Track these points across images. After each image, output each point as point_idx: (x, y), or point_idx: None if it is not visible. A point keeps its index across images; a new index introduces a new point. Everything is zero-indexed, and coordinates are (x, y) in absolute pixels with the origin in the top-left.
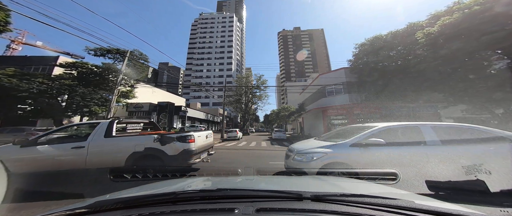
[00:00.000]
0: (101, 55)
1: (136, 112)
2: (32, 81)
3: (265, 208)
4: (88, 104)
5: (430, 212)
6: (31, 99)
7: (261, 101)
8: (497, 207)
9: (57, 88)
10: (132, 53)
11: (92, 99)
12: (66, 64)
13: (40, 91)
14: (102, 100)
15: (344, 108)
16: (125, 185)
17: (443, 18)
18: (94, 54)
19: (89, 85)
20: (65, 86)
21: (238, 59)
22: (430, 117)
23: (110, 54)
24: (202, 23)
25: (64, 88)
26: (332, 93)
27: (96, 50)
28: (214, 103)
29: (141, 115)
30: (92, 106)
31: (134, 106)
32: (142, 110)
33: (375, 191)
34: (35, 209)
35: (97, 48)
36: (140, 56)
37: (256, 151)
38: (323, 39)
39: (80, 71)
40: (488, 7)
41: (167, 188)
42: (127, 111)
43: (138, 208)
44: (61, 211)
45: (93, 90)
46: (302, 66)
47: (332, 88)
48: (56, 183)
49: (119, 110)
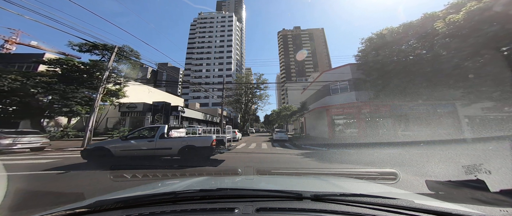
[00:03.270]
0: (87, 51)
1: (129, 112)
2: (3, 78)
3: (265, 207)
4: (69, 104)
5: (430, 212)
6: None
7: (262, 101)
8: (497, 207)
9: (32, 85)
10: (121, 49)
11: (73, 98)
12: (49, 60)
13: (12, 90)
14: (86, 99)
15: (351, 106)
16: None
17: (469, 4)
18: (79, 50)
19: (72, 83)
20: (42, 84)
21: (238, 59)
22: (447, 115)
23: (97, 50)
24: (201, 23)
25: (41, 86)
26: (336, 91)
27: (82, 46)
28: (214, 103)
29: (135, 116)
30: (74, 106)
31: (127, 106)
32: (135, 110)
33: (375, 190)
34: (35, 209)
35: (82, 43)
36: (131, 52)
37: (256, 155)
38: (323, 39)
39: (64, 68)
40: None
41: (167, 187)
42: (120, 111)
43: (138, 207)
44: (61, 211)
45: (76, 89)
46: (303, 66)
47: (336, 86)
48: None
49: (111, 110)
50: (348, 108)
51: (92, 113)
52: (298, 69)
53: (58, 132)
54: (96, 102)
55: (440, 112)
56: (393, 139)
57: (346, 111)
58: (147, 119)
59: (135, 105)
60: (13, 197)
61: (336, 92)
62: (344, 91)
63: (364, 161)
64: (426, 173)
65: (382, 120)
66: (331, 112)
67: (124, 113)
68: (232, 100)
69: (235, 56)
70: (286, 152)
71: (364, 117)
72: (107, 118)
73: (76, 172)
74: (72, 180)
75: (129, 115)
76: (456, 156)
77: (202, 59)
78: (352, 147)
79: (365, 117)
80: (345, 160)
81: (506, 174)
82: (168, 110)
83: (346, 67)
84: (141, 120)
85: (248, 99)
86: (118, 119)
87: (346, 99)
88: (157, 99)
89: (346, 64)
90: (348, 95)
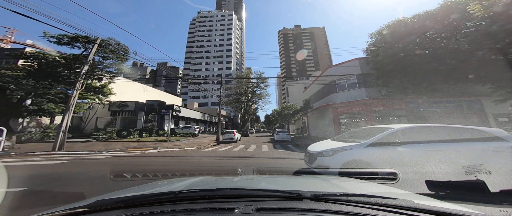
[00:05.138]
0: (66, 43)
1: (120, 111)
2: None
3: (265, 207)
4: (39, 101)
5: (430, 212)
6: None
7: (262, 100)
8: (497, 207)
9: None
10: (106, 41)
11: (45, 95)
12: (25, 54)
13: None
14: (61, 96)
15: (361, 104)
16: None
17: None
18: (57, 42)
19: (46, 78)
20: (7, 78)
21: (238, 58)
22: (473, 115)
23: (79, 43)
24: (200, 22)
25: (5, 80)
26: (344, 87)
27: (60, 38)
28: (213, 103)
29: (127, 115)
30: (44, 104)
31: (117, 105)
32: (127, 110)
33: (375, 190)
34: (35, 209)
35: (61, 35)
36: (118, 46)
37: (255, 160)
38: (324, 38)
39: (43, 62)
40: None
41: (167, 187)
42: (109, 110)
43: (138, 207)
44: (61, 211)
45: (49, 84)
46: (303, 66)
47: (343, 82)
48: None
49: (100, 109)
50: (357, 106)
51: (66, 112)
52: (298, 69)
53: (36, 133)
54: (72, 99)
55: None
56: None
57: (355, 109)
58: (140, 119)
59: (126, 104)
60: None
61: (343, 89)
62: (352, 88)
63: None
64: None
65: (396, 119)
66: (338, 110)
67: (114, 112)
68: (232, 100)
69: (235, 55)
70: (291, 156)
71: (376, 115)
72: (97, 118)
73: None
74: None
75: (120, 114)
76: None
77: (201, 58)
78: None
79: (377, 115)
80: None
81: (506, 174)
82: (164, 109)
83: (354, 62)
84: (133, 119)
85: (248, 98)
86: (110, 118)
87: (354, 97)
88: (153, 99)
89: (355, 58)
90: (357, 92)
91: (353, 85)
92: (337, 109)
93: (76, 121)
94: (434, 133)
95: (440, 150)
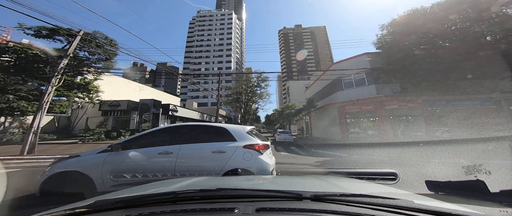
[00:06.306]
0: (45, 36)
1: (112, 111)
2: None
3: (265, 207)
4: (7, 99)
5: (429, 212)
6: None
7: (262, 100)
8: (497, 207)
9: None
10: (90, 35)
11: (16, 91)
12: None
13: None
14: (36, 93)
15: (371, 102)
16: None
17: None
18: (35, 35)
19: (20, 73)
20: None
21: (238, 57)
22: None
23: (60, 36)
24: (200, 21)
25: None
26: (351, 84)
27: (39, 30)
28: (213, 103)
29: (119, 115)
30: (14, 102)
31: (109, 104)
32: (118, 109)
33: (375, 191)
34: (35, 209)
35: (39, 27)
36: (105, 40)
37: None
38: (325, 37)
39: (21, 57)
40: None
41: (167, 187)
42: (100, 110)
43: (138, 207)
44: (61, 211)
45: (23, 79)
46: (304, 65)
47: (351, 79)
48: None
49: (91, 108)
50: (366, 104)
51: (39, 110)
52: (299, 69)
53: (17, 134)
54: (46, 96)
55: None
56: (429, 138)
57: (364, 108)
58: (133, 119)
59: (118, 103)
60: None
61: (350, 86)
62: (360, 85)
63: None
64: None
65: (411, 118)
66: (345, 108)
67: (106, 112)
68: (232, 100)
69: (234, 54)
70: (297, 160)
71: (387, 114)
72: (87, 118)
73: None
74: None
75: (112, 114)
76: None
77: (201, 57)
78: (379, 150)
79: (389, 114)
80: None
81: (506, 174)
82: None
83: (362, 56)
84: (126, 119)
85: (248, 98)
86: (102, 118)
87: (364, 94)
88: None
89: (363, 53)
90: (366, 89)
91: (361, 82)
92: (343, 108)
93: (64, 121)
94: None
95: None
